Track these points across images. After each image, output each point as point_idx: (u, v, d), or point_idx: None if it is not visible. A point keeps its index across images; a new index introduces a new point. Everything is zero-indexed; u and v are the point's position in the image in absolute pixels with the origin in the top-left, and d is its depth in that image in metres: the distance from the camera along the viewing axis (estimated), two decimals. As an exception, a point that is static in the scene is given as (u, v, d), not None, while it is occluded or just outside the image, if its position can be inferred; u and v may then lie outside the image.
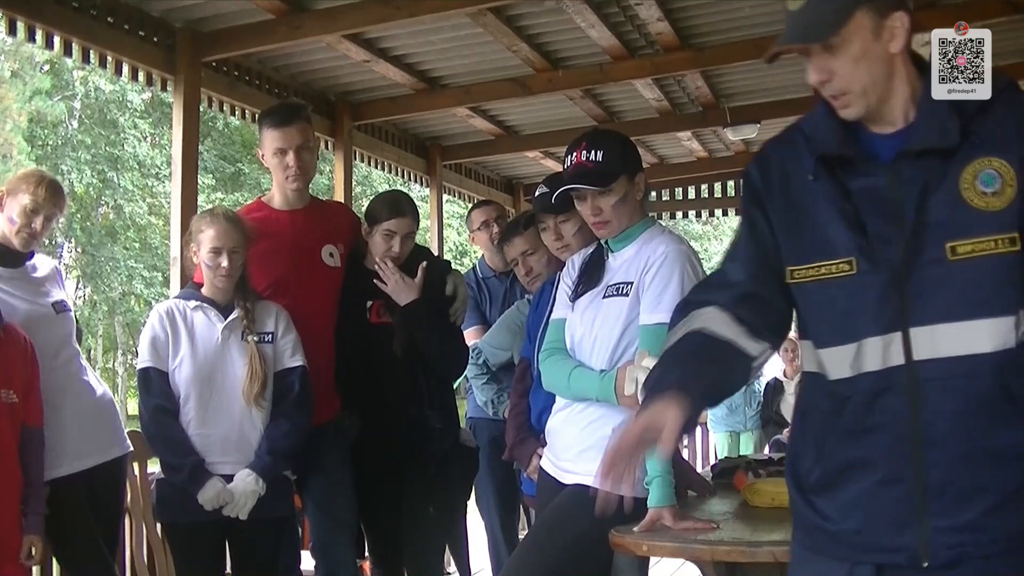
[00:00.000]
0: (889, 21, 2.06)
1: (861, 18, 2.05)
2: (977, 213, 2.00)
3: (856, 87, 2.09)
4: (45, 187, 3.83)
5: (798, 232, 2.19)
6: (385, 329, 4.25)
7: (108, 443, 4.02)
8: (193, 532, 3.87)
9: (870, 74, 2.08)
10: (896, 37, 2.07)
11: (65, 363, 3.93)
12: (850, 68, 2.08)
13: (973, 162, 2.03)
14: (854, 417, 2.10)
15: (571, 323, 3.43)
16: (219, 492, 3.77)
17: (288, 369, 3.98)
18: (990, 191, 2.01)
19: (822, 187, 2.15)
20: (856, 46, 2.06)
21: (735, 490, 3.77)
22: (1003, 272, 1.99)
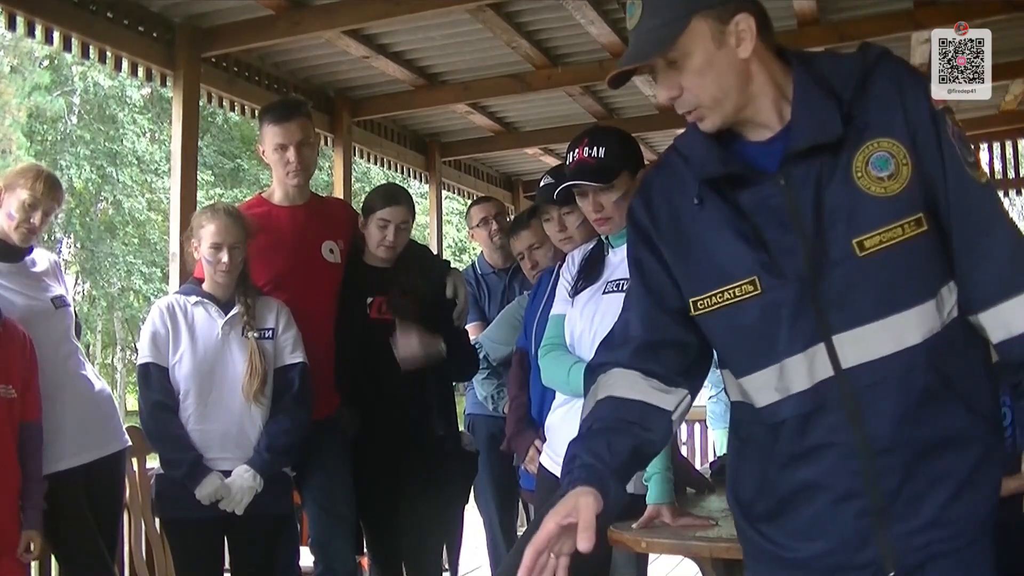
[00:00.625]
0: (731, 26, 1.94)
1: (698, 27, 1.93)
2: (876, 201, 1.91)
3: (706, 99, 1.99)
4: (43, 182, 3.83)
5: (694, 261, 2.07)
6: (385, 326, 4.25)
7: (106, 438, 4.03)
8: (192, 528, 3.87)
9: (719, 84, 1.97)
10: (743, 41, 1.95)
11: (64, 358, 3.93)
12: (696, 80, 1.97)
13: (862, 148, 1.94)
14: (790, 441, 2.00)
15: (571, 319, 3.43)
16: (216, 488, 3.77)
17: (288, 365, 3.98)
18: (885, 175, 1.92)
19: (710, 210, 2.03)
20: (698, 57, 1.95)
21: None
22: (917, 257, 1.92)
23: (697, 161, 2.06)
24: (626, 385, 2.09)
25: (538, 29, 6.37)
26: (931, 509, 1.92)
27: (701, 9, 1.93)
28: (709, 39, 1.94)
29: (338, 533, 4.17)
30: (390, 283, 4.30)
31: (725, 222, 2.02)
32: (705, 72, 1.96)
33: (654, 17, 1.97)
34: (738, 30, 1.94)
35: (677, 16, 1.93)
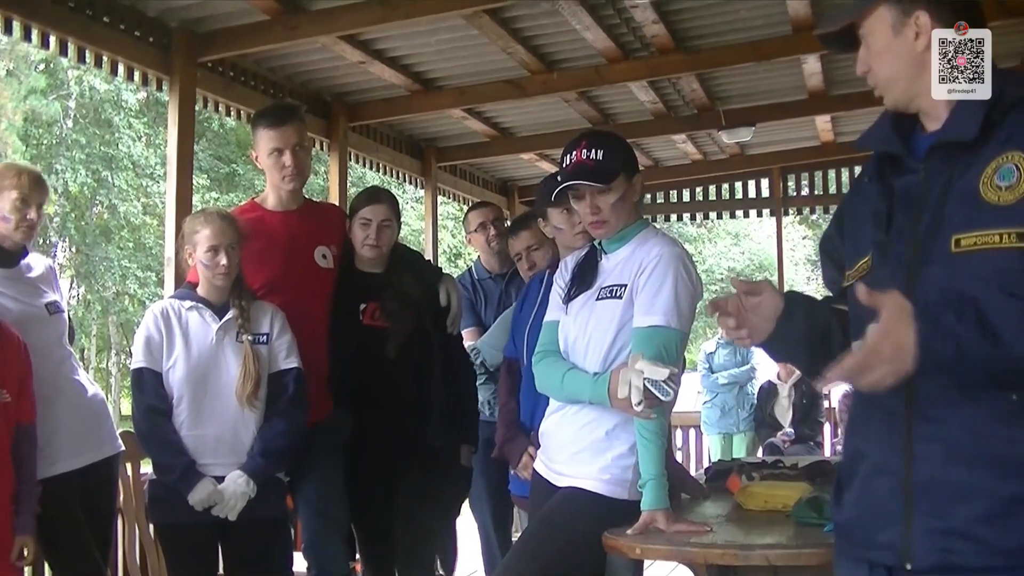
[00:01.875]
0: (911, 19, 2.13)
1: (882, 13, 2.16)
2: (988, 206, 1.97)
3: (881, 79, 2.21)
4: (27, 177, 3.83)
5: (849, 236, 2.28)
6: (379, 331, 4.25)
7: (100, 443, 4.02)
8: (185, 533, 3.86)
9: (892, 68, 2.18)
10: (920, 35, 2.14)
11: (58, 363, 3.93)
12: (875, 60, 2.19)
13: (998, 157, 2.00)
14: (863, 405, 2.13)
15: (564, 325, 3.43)
16: (209, 493, 3.76)
17: (283, 370, 3.97)
18: (1005, 185, 1.97)
19: (870, 188, 2.22)
20: (878, 39, 2.17)
21: (728, 493, 3.78)
22: (1009, 267, 1.91)
23: (874, 139, 2.27)
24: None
25: (534, 35, 6.38)
26: (958, 518, 1.92)
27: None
28: (889, 26, 2.16)
29: (332, 537, 4.16)
30: (383, 288, 4.30)
31: (873, 200, 2.19)
32: (882, 55, 2.18)
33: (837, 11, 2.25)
34: (917, 23, 2.13)
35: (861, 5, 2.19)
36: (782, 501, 3.37)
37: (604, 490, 3.20)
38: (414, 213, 20.61)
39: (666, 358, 3.12)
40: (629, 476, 3.20)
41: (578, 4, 5.69)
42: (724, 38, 6.51)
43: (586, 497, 3.24)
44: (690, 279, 3.27)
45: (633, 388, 3.03)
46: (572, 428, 3.35)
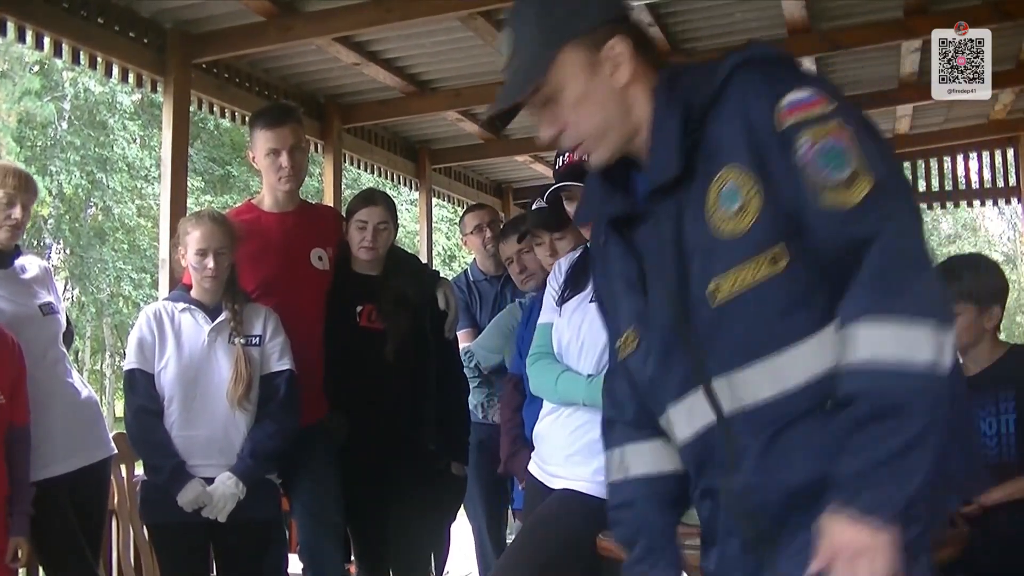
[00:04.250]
0: (604, 52, 1.83)
1: (568, 58, 1.83)
2: (727, 239, 1.73)
3: (588, 132, 1.88)
4: (13, 176, 3.82)
5: (610, 310, 2.04)
6: (375, 334, 4.25)
7: (92, 445, 4.01)
8: (177, 533, 3.86)
9: (599, 115, 1.85)
10: (619, 67, 1.83)
11: (51, 365, 3.91)
12: (574, 114, 1.86)
13: (715, 178, 1.75)
14: (693, 485, 1.93)
15: (558, 328, 3.43)
16: (198, 494, 3.76)
17: (275, 372, 3.96)
18: (735, 208, 1.72)
19: (610, 252, 1.97)
20: (572, 89, 1.84)
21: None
22: (780, 295, 1.71)
23: (594, 207, 2.02)
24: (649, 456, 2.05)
25: (529, 37, 6.36)
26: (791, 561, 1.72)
27: (568, 39, 1.83)
28: (581, 69, 1.83)
29: (327, 539, 4.16)
30: (379, 291, 4.30)
31: (619, 265, 1.95)
32: (582, 104, 1.85)
33: (522, 53, 1.88)
34: (613, 55, 1.83)
35: (544, 50, 1.84)
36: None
37: (598, 492, 3.19)
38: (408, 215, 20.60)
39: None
40: None
41: (574, 6, 5.68)
42: (719, 40, 6.50)
43: (580, 499, 3.24)
44: None
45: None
46: (566, 430, 3.35)
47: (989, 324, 3.35)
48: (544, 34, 1.85)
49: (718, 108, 1.77)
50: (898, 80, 7.21)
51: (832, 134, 1.69)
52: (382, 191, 4.52)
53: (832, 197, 1.66)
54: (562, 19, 1.85)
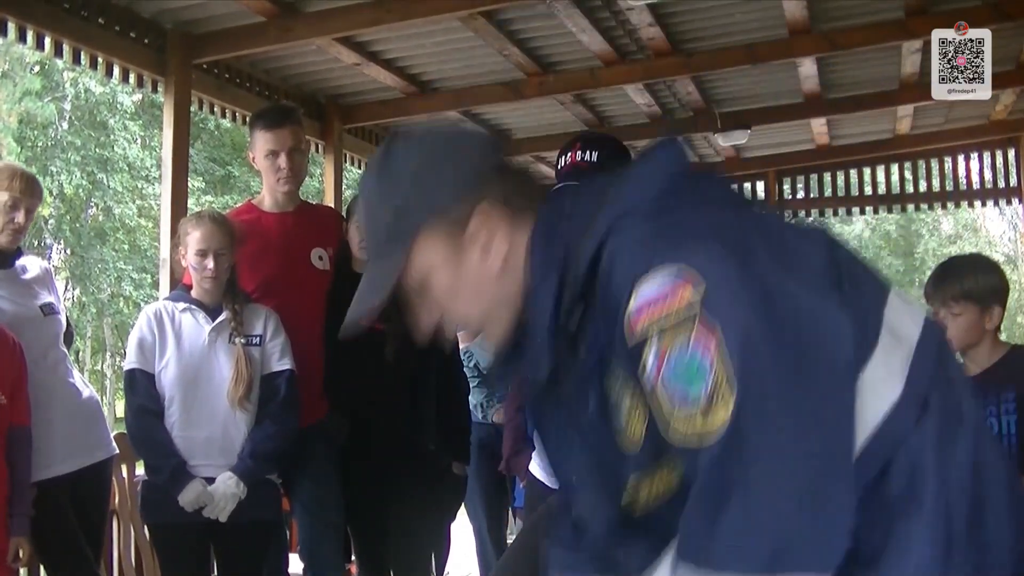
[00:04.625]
0: (470, 229, 1.54)
1: (427, 245, 1.54)
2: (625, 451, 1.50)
3: (473, 318, 1.63)
4: (20, 180, 3.81)
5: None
6: (376, 335, 4.25)
7: (93, 446, 4.01)
8: (177, 533, 3.86)
9: (480, 300, 1.58)
10: (490, 246, 1.55)
11: (52, 365, 3.91)
12: (451, 303, 1.59)
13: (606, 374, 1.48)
14: None
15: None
16: (199, 494, 3.76)
17: (275, 372, 3.96)
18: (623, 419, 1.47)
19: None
20: (440, 278, 1.56)
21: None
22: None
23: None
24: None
25: (529, 37, 6.38)
26: None
27: (422, 224, 1.54)
28: (445, 257, 1.55)
29: (327, 539, 4.16)
30: None
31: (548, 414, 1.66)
32: (456, 294, 1.58)
33: (375, 248, 1.64)
34: (481, 234, 1.54)
35: (396, 244, 1.56)
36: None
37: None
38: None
39: None
40: None
41: (574, 7, 5.70)
42: (720, 41, 6.52)
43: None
44: None
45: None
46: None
47: (990, 324, 3.34)
48: (392, 225, 1.56)
49: (595, 284, 1.45)
50: (899, 81, 7.22)
51: (688, 340, 1.33)
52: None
53: (683, 427, 1.34)
54: (408, 207, 1.55)
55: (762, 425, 1.28)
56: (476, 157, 1.58)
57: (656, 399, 1.36)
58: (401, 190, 1.56)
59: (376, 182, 1.61)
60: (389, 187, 1.57)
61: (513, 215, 1.55)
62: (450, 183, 1.55)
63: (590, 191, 1.57)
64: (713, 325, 1.31)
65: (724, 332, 1.31)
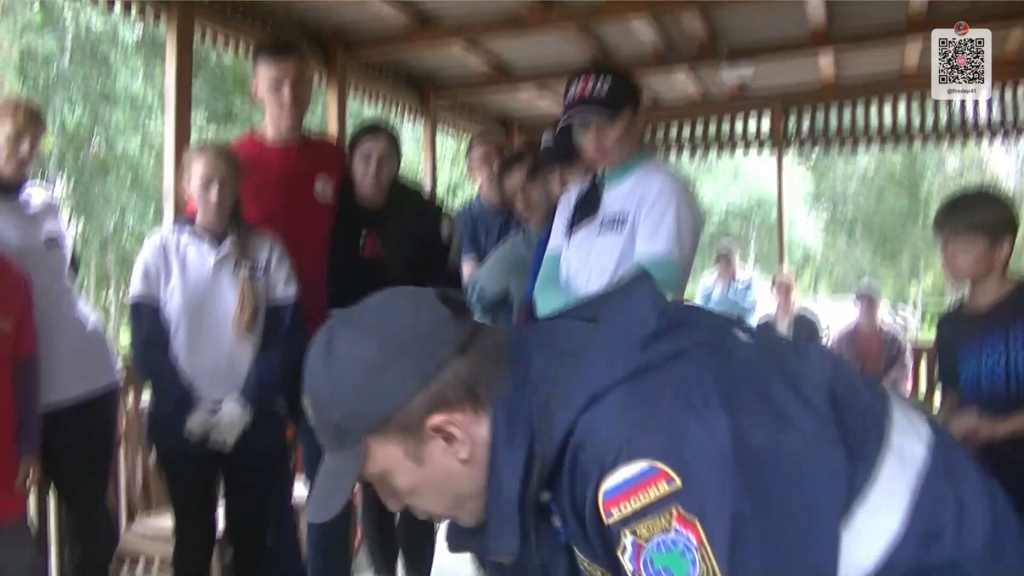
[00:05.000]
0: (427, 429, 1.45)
1: (378, 447, 1.46)
2: None
3: (442, 511, 1.55)
4: (23, 112, 3.81)
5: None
6: (378, 265, 4.26)
7: (99, 374, 4.03)
8: (184, 461, 3.91)
9: (448, 495, 1.51)
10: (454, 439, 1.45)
11: (57, 296, 3.93)
12: (417, 500, 1.53)
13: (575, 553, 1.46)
14: None
15: (566, 257, 3.44)
16: (205, 421, 3.79)
17: (280, 301, 3.98)
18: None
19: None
20: (400, 479, 1.49)
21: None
22: None
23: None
24: None
25: (534, -32, 6.32)
26: None
27: (368, 432, 1.46)
28: (401, 458, 1.47)
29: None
30: (383, 222, 4.31)
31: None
32: (419, 491, 1.51)
33: (327, 442, 1.52)
34: (440, 431, 1.45)
35: (348, 446, 1.48)
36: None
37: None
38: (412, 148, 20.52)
39: (667, 289, 3.14)
40: None
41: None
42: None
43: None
44: (692, 212, 3.27)
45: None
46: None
47: (1000, 257, 3.34)
48: (342, 426, 1.48)
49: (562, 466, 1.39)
50: (906, 17, 7.15)
51: (668, 533, 1.30)
52: (386, 123, 4.51)
53: None
54: (357, 412, 1.46)
55: None
56: (428, 350, 1.45)
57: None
58: (348, 393, 1.46)
59: (323, 374, 1.50)
60: (336, 386, 1.47)
61: (475, 400, 1.45)
62: (399, 388, 1.44)
63: (558, 353, 1.47)
64: (692, 520, 1.29)
65: (704, 525, 1.28)
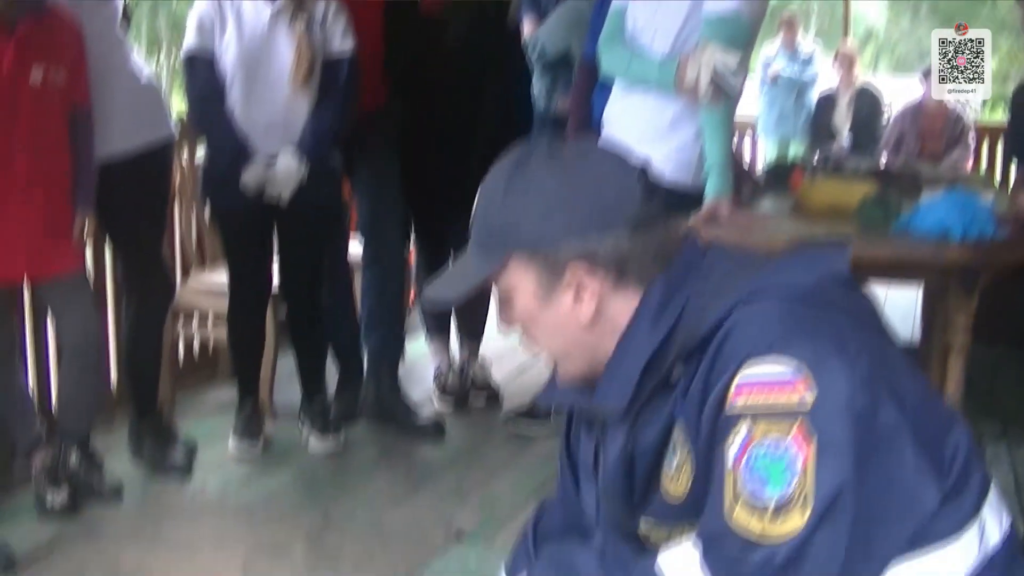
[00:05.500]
0: (566, 278, 1.48)
1: (518, 269, 1.51)
2: (665, 497, 1.50)
3: (546, 350, 1.59)
4: None
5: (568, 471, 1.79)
6: (437, 21, 4.20)
7: (154, 126, 3.96)
8: (239, 215, 3.91)
9: (555, 341, 1.55)
10: (581, 301, 1.49)
11: (109, 49, 3.84)
12: (529, 328, 1.57)
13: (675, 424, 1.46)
14: None
15: (632, 10, 3.36)
16: (260, 175, 3.77)
17: (336, 55, 3.88)
18: (673, 467, 1.47)
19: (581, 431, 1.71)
20: (522, 305, 1.53)
21: (790, 190, 3.76)
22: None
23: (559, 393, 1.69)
24: None
25: None
26: None
27: (516, 248, 1.50)
28: (532, 290, 1.51)
29: (387, 221, 4.22)
30: None
31: (583, 448, 1.70)
32: (535, 325, 1.55)
33: (475, 239, 1.58)
34: (574, 286, 1.49)
35: (492, 253, 1.53)
36: (847, 199, 3.33)
37: (668, 175, 3.17)
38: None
39: (734, 47, 3.09)
40: (694, 161, 3.19)
41: None
42: None
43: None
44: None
45: (703, 71, 3.00)
46: (636, 114, 3.31)
47: None
48: (496, 233, 1.53)
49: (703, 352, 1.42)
50: None
51: (782, 439, 1.32)
52: None
53: (743, 519, 1.34)
54: (516, 231, 1.50)
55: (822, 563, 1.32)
56: (604, 211, 1.48)
57: (729, 481, 1.34)
58: (517, 208, 1.50)
59: (505, 182, 1.54)
60: (510, 197, 1.52)
61: (620, 276, 1.49)
62: (561, 227, 1.48)
63: (740, 259, 1.54)
64: (811, 436, 1.31)
65: (819, 449, 1.30)
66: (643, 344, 1.48)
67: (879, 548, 1.38)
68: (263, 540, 3.36)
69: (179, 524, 3.50)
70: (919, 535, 1.39)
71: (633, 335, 1.49)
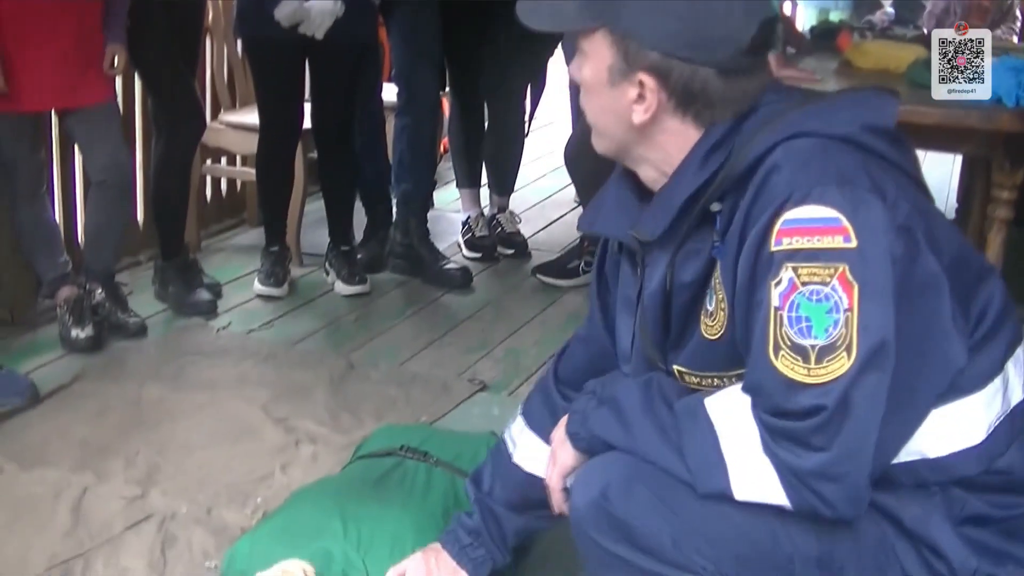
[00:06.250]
0: (635, 76, 1.52)
1: (601, 43, 1.54)
2: (702, 337, 1.56)
3: (590, 115, 1.65)
4: None
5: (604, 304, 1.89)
6: None
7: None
8: (271, 48, 3.84)
9: (602, 119, 1.61)
10: (641, 103, 1.53)
11: None
12: (584, 92, 1.63)
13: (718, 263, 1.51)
14: None
15: None
16: (296, 9, 3.67)
17: None
18: (711, 308, 1.52)
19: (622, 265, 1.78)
20: (589, 73, 1.58)
21: (836, 51, 3.69)
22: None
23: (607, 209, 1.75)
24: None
25: None
26: None
27: (608, 25, 1.52)
28: (605, 68, 1.55)
29: (422, 67, 4.15)
30: None
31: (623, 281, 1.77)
32: (592, 96, 1.61)
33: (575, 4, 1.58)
34: (642, 86, 1.52)
35: (590, 11, 1.55)
36: (896, 61, 3.27)
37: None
38: None
39: None
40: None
41: None
42: None
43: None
44: None
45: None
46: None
47: None
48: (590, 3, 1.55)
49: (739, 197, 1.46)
50: None
51: (826, 284, 1.36)
52: None
53: (787, 363, 1.38)
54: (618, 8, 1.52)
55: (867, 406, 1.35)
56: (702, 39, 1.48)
57: (774, 323, 1.38)
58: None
59: None
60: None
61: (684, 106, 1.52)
62: (657, 30, 1.49)
63: (790, 95, 1.56)
64: (853, 284, 1.34)
65: (861, 294, 1.34)
66: (689, 179, 1.51)
67: (920, 396, 1.43)
68: (285, 383, 3.35)
69: (202, 364, 3.48)
70: (951, 385, 1.44)
71: (683, 172, 1.53)
